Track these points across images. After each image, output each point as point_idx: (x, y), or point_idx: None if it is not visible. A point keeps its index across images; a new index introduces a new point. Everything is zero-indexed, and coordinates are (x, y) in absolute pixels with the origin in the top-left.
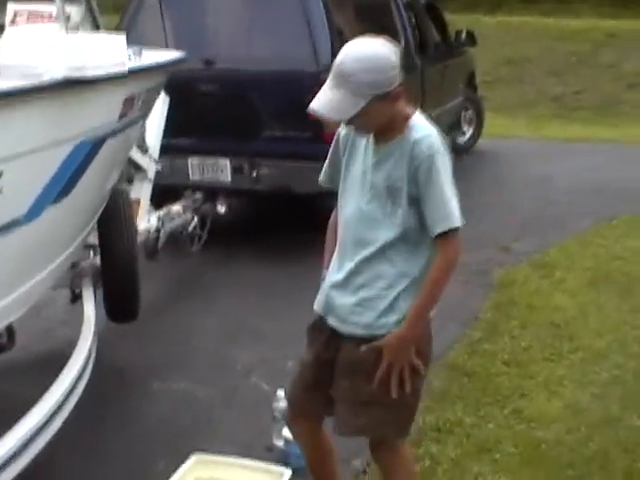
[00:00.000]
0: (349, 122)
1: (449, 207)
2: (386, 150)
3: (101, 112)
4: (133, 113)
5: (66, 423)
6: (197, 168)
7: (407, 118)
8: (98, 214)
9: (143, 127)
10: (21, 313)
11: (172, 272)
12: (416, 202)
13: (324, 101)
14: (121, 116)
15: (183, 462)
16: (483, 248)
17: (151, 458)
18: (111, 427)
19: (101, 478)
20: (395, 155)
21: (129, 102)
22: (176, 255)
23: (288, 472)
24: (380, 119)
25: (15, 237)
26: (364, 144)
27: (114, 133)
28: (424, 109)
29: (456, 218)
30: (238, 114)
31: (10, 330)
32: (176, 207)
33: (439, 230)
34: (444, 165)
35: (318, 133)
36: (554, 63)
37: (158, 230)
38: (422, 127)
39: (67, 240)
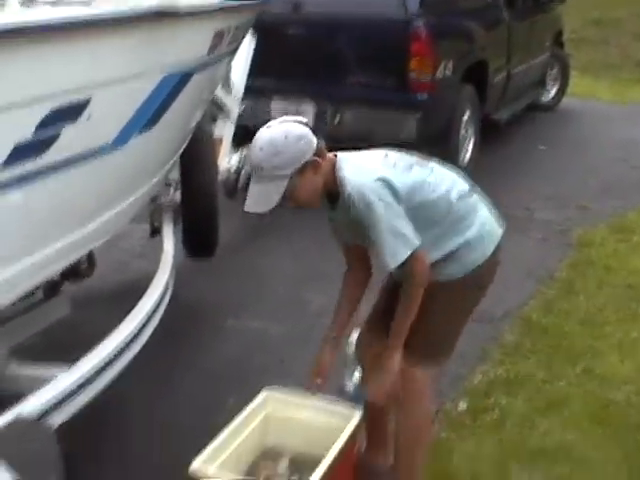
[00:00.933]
0: (286, 204)
1: (395, 245)
2: (339, 207)
3: (191, 45)
4: (221, 49)
5: (140, 354)
6: (280, 110)
7: (335, 178)
8: (181, 150)
9: (229, 66)
10: (101, 242)
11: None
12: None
13: (251, 199)
14: (210, 51)
15: (253, 399)
16: (563, 207)
17: (222, 394)
18: (184, 361)
19: (172, 411)
20: (345, 209)
21: (218, 37)
22: None
23: (358, 413)
24: (313, 189)
25: (100, 164)
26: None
27: (202, 68)
28: (510, 65)
29: (401, 253)
30: (323, 59)
31: (90, 258)
32: None
33: (392, 266)
34: (381, 207)
35: (403, 81)
36: None
37: (238, 170)
38: (350, 180)
39: (149, 172)
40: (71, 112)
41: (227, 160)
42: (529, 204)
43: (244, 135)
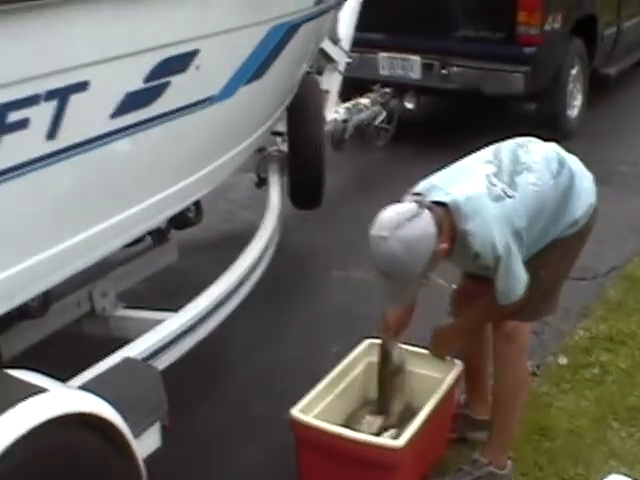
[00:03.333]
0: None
1: (513, 287)
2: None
3: None
4: (329, 1)
5: (246, 302)
6: (387, 63)
7: (454, 229)
8: (288, 101)
9: (336, 17)
10: (207, 191)
11: (356, 164)
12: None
13: (390, 296)
14: (317, 2)
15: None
16: None
17: (326, 342)
18: (289, 309)
19: (276, 357)
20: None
21: None
22: (362, 148)
23: (460, 364)
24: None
25: (208, 114)
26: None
27: (309, 18)
28: (620, 19)
29: (515, 296)
30: (431, 11)
31: (198, 206)
32: (364, 100)
33: (503, 303)
34: (509, 259)
35: (511, 35)
36: None
37: (345, 121)
38: (477, 237)
39: (256, 123)
40: (180, 63)
41: (334, 111)
42: (637, 161)
43: (350, 88)
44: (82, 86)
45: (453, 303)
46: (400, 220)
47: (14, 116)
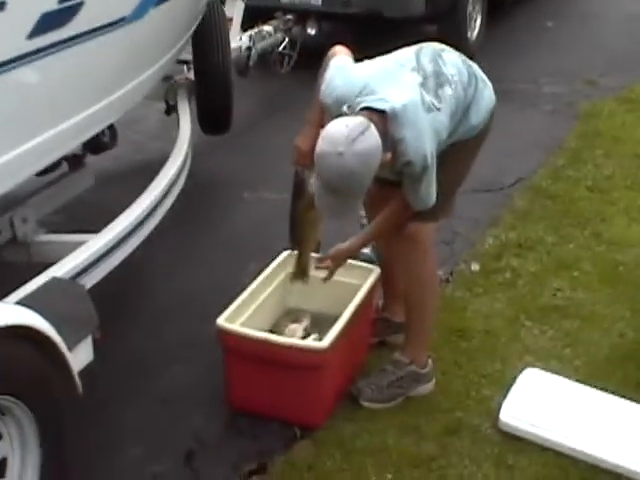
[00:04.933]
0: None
1: (427, 195)
2: None
3: None
4: None
5: (161, 225)
6: None
7: (388, 135)
8: (194, 27)
9: None
10: (120, 115)
11: (261, 90)
12: None
13: (331, 211)
14: None
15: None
16: (571, 82)
17: (244, 259)
18: (204, 232)
19: (195, 276)
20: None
21: None
22: (266, 74)
23: (377, 270)
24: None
25: (119, 36)
26: None
27: None
28: None
29: (430, 202)
30: None
31: (112, 130)
32: (267, 27)
33: (419, 208)
34: (431, 169)
35: None
36: None
37: (249, 48)
38: (411, 146)
39: (164, 47)
40: None
41: (238, 38)
42: (537, 79)
43: (253, 15)
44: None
45: (365, 208)
46: (354, 135)
47: None
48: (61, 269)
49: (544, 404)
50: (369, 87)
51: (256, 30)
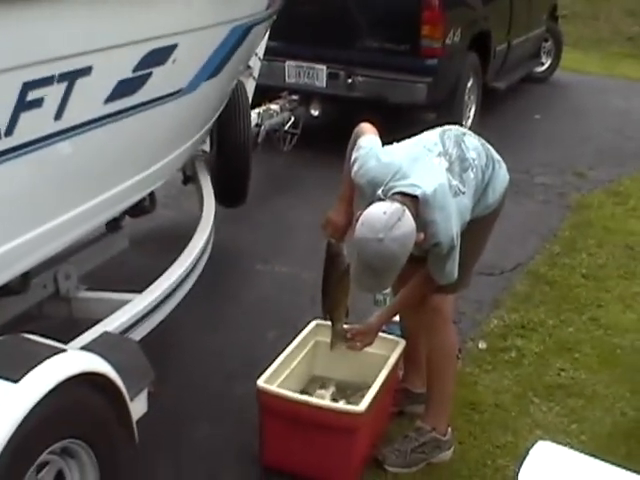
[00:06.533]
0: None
1: (450, 271)
2: None
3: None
4: (275, 6)
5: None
6: (294, 71)
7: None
8: (225, 103)
9: None
10: (162, 182)
11: (267, 167)
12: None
13: (366, 287)
14: (268, 6)
15: (291, 332)
16: (561, 173)
17: (262, 329)
18: (223, 302)
19: (218, 343)
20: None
21: None
22: (269, 152)
23: (403, 342)
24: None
25: (176, 106)
26: None
27: (259, 21)
28: (510, 36)
29: (452, 278)
30: (338, 22)
31: (152, 195)
32: (274, 106)
33: (442, 283)
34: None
35: (415, 47)
36: (631, 3)
37: (258, 125)
38: (441, 229)
39: (205, 120)
40: (162, 55)
41: None
42: (529, 169)
43: (261, 93)
44: (86, 71)
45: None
46: (392, 222)
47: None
48: (109, 326)
49: (559, 476)
50: (401, 172)
51: (264, 108)
